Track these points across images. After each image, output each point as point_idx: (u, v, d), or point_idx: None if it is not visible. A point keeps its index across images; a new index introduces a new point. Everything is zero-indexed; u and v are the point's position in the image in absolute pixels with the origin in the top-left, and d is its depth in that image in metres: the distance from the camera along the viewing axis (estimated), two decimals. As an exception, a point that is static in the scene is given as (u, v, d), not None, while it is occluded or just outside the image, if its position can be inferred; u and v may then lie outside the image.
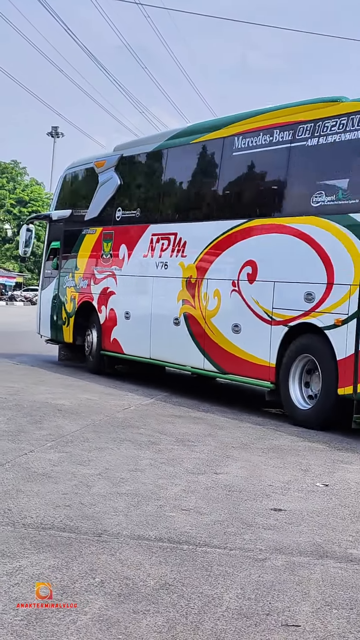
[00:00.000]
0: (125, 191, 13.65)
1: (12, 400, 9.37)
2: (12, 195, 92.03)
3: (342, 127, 9.14)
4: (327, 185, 9.32)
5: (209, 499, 5.53)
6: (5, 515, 4.68)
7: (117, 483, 5.75)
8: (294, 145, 9.81)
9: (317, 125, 9.46)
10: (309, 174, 9.79)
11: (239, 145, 10.76)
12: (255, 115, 10.75)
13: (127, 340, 12.88)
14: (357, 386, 8.44)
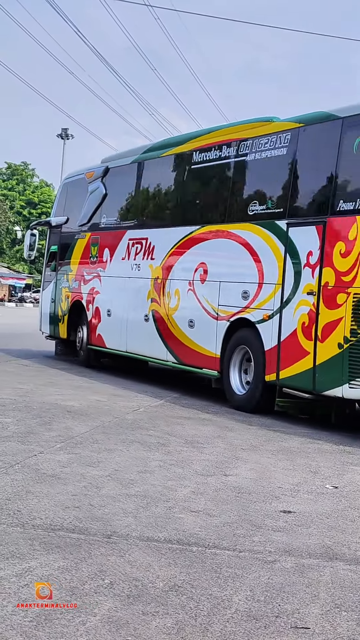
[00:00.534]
0: (109, 200, 15.04)
1: (22, 401, 9.39)
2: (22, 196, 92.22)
3: (272, 145, 10.46)
4: (260, 196, 10.71)
5: (218, 500, 5.53)
6: (14, 517, 4.68)
7: (127, 484, 5.75)
8: (237, 160, 11.27)
9: (254, 142, 10.83)
10: (247, 186, 11.21)
11: (196, 159, 12.19)
12: (209, 132, 12.31)
13: (109, 335, 14.27)
14: (279, 373, 9.65)
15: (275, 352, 9.75)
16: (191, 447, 7.46)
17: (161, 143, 14.03)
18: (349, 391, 8.67)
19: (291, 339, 9.52)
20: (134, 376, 13.53)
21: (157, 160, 13.50)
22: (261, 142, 10.68)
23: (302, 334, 9.35)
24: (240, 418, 9.72)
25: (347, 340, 8.64)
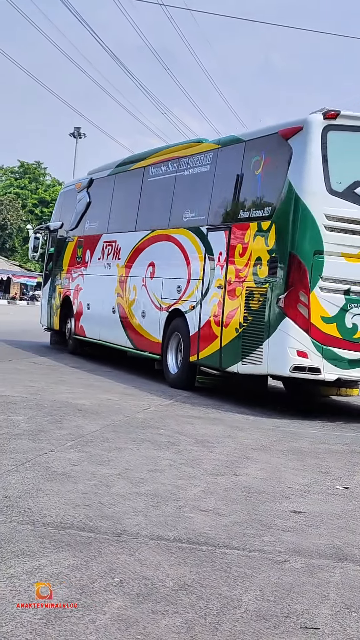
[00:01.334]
0: (91, 208, 17.44)
1: (33, 399, 9.41)
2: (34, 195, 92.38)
3: (200, 162, 12.67)
4: (191, 205, 12.82)
5: (228, 500, 5.53)
6: (25, 514, 4.69)
7: (137, 483, 5.76)
8: (177, 174, 13.43)
9: (188, 160, 13.04)
10: (183, 196, 13.25)
11: (151, 173, 14.52)
12: (161, 150, 14.66)
13: (88, 326, 16.58)
14: (199, 355, 11.64)
15: (196, 337, 11.80)
16: (201, 447, 7.47)
17: (129, 159, 16.43)
18: (242, 367, 10.58)
19: (207, 326, 11.56)
20: (145, 375, 13.57)
21: (124, 173, 15.98)
22: (193, 160, 12.93)
23: (213, 321, 11.37)
24: (251, 418, 9.72)
25: (241, 326, 10.60)
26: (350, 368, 10.17)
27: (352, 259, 10.07)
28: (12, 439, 6.90)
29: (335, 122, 10.12)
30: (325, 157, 9.99)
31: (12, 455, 6.28)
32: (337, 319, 10.06)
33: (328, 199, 10.02)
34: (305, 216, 9.95)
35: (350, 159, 10.41)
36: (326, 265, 9.95)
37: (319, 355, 9.94)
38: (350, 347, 10.12)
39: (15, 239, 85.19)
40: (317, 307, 9.93)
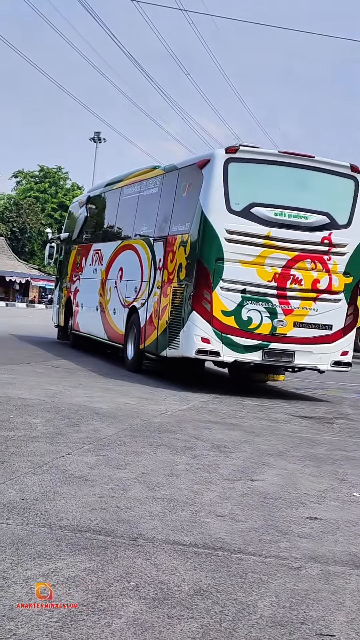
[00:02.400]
0: (87, 221, 20.62)
1: (51, 402, 9.44)
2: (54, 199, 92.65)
3: (152, 185, 15.44)
4: (146, 220, 15.55)
5: (244, 505, 5.53)
6: (42, 517, 4.71)
7: (153, 487, 5.76)
8: (139, 194, 16.21)
9: (146, 182, 15.79)
10: (142, 213, 15.97)
11: (124, 193, 17.45)
12: (134, 172, 17.14)
13: (81, 322, 19.62)
14: (145, 343, 14.26)
15: (144, 328, 14.35)
16: (218, 452, 7.47)
17: (112, 180, 19.11)
18: (168, 352, 13.14)
19: (150, 319, 14.12)
20: (163, 380, 13.58)
21: (108, 192, 19.07)
22: (149, 183, 15.69)
23: (154, 315, 13.94)
24: (267, 424, 9.71)
25: (169, 318, 13.15)
26: (245, 352, 12.53)
27: (247, 265, 12.38)
28: (29, 442, 6.92)
29: (235, 155, 12.40)
30: (226, 183, 12.29)
31: (29, 457, 6.31)
32: (234, 312, 12.39)
33: (228, 217, 12.31)
34: (209, 230, 12.29)
35: (247, 185, 12.60)
36: (226, 270, 12.28)
37: (219, 341, 12.34)
38: (245, 336, 12.45)
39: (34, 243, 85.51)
40: (218, 303, 12.29)
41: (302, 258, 12.61)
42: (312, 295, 12.73)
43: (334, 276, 12.83)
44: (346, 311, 13.00)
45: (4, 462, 6.08)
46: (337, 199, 13.14)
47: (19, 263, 79.36)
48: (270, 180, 12.89)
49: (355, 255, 12.97)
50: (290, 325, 12.61)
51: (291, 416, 10.69)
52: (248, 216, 12.37)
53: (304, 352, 12.77)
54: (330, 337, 12.92)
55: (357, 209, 12.97)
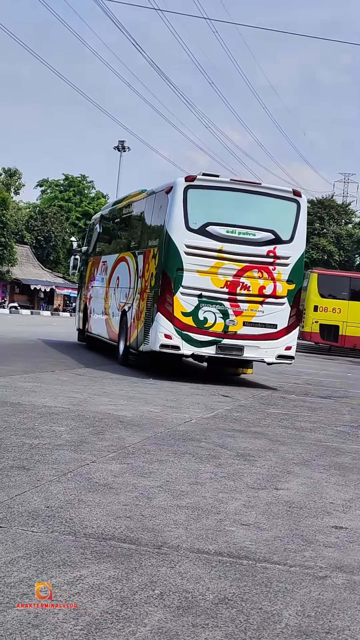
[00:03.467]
0: (99, 236, 23.50)
1: (75, 410, 9.47)
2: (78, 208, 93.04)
3: (139, 207, 18.09)
4: (134, 236, 18.33)
5: (269, 514, 5.51)
6: (67, 525, 4.72)
7: (178, 496, 5.76)
8: (132, 214, 19.22)
9: (135, 204, 18.68)
10: (132, 229, 19.06)
11: (122, 212, 20.45)
12: (130, 195, 19.94)
13: (93, 325, 22.11)
14: (129, 340, 16.78)
15: (129, 328, 16.90)
16: (242, 460, 7.45)
17: (117, 200, 22.92)
18: (144, 347, 15.67)
19: (133, 320, 16.61)
20: (187, 388, 13.59)
21: (112, 211, 22.14)
22: (135, 205, 18.64)
23: (135, 316, 16.46)
24: (292, 432, 9.68)
25: (145, 319, 15.56)
26: (201, 347, 15.11)
27: (203, 274, 14.92)
28: (54, 450, 6.95)
29: (193, 183, 14.93)
30: (185, 206, 14.78)
31: (54, 465, 6.33)
32: (192, 313, 14.89)
33: (187, 234, 14.82)
34: (171, 245, 14.84)
35: (203, 207, 15.03)
36: (185, 278, 14.82)
37: (179, 337, 14.87)
38: (201, 333, 14.97)
39: (59, 251, 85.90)
40: (179, 306, 14.83)
41: (250, 268, 15.14)
42: (259, 300, 15.22)
43: (278, 283, 15.32)
44: (289, 313, 15.48)
45: (29, 469, 6.10)
46: (281, 218, 15.59)
47: (43, 271, 79.84)
48: (223, 203, 15.36)
49: (297, 265, 15.60)
50: (240, 324, 15.15)
51: (316, 425, 10.64)
52: (204, 233, 14.95)
53: (252, 347, 15.30)
54: (275, 334, 15.38)
55: (299, 227, 15.52)
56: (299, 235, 15.60)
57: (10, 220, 68.81)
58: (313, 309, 37.80)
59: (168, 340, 14.84)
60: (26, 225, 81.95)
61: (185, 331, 14.84)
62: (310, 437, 9.45)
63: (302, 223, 15.67)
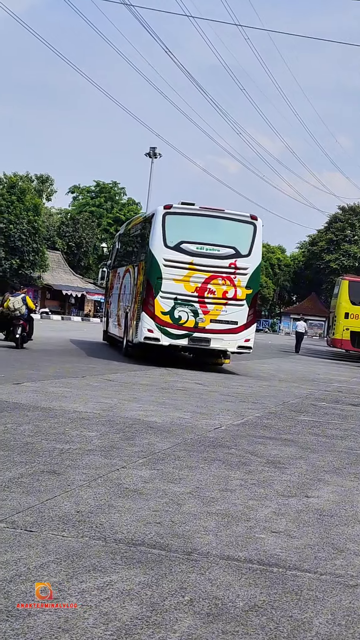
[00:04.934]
0: (117, 251, 27.84)
1: (106, 416, 9.49)
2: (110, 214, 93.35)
3: (137, 228, 22.59)
4: (135, 252, 22.49)
5: (299, 522, 5.48)
6: (97, 530, 4.73)
7: (208, 502, 5.75)
8: (133, 233, 23.48)
9: (136, 225, 22.99)
10: (133, 247, 23.30)
11: (130, 232, 24.70)
12: (135, 217, 25.00)
13: (110, 326, 26.70)
14: (129, 336, 20.74)
15: (128, 326, 21.13)
16: (273, 467, 7.42)
17: (130, 220, 27.35)
18: (135, 339, 19.79)
19: (131, 319, 20.66)
20: (216, 394, 13.56)
21: (126, 229, 26.52)
22: (136, 226, 23.21)
23: (132, 316, 20.51)
24: (323, 440, 9.63)
25: (137, 318, 19.64)
26: (176, 339, 19.22)
27: (178, 281, 19.00)
28: (84, 455, 6.97)
29: (170, 210, 19.06)
30: (164, 228, 18.95)
31: (84, 470, 6.35)
32: (169, 312, 19.02)
33: (165, 250, 18.95)
34: (153, 259, 19.08)
35: (178, 229, 19.08)
36: (163, 285, 18.98)
37: (159, 331, 19.06)
38: (176, 328, 19.09)
39: (90, 257, 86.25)
40: (159, 306, 18.96)
41: (215, 277, 19.20)
42: (223, 302, 19.27)
43: (238, 289, 19.36)
44: (248, 312, 19.51)
45: (59, 474, 6.13)
46: (241, 237, 19.49)
47: (74, 277, 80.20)
48: (193, 225, 19.38)
49: (254, 274, 19.67)
50: (208, 321, 19.23)
51: (347, 432, 10.58)
52: (178, 249, 19.05)
53: (217, 339, 19.38)
54: (236, 329, 19.44)
55: (255, 244, 19.53)
56: (255, 250, 19.58)
57: (42, 227, 69.22)
58: (344, 316, 37.60)
59: (150, 334, 19.10)
60: (58, 232, 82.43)
61: (164, 326, 19.07)
62: (341, 444, 9.39)
63: (258, 240, 19.66)
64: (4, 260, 64.85)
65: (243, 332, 19.48)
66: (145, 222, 20.65)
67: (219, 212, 19.54)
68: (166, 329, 18.99)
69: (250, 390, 15.36)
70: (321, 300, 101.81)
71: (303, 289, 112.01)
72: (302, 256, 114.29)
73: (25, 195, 67.90)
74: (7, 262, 64.90)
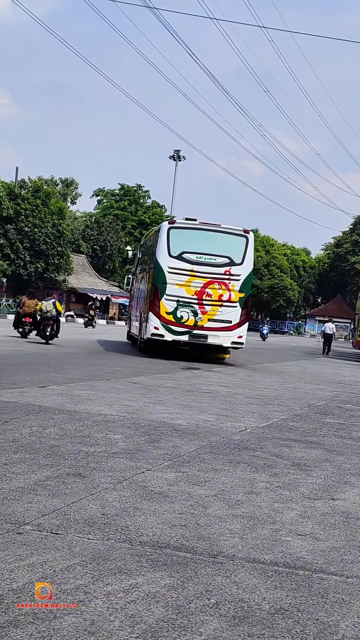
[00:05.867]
0: (139, 259, 30.06)
1: (131, 419, 9.51)
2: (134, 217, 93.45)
3: (151, 239, 24.88)
4: (148, 259, 24.52)
5: (325, 525, 5.46)
6: (122, 533, 4.74)
7: (233, 505, 5.74)
8: (148, 243, 26.01)
9: (150, 236, 25.66)
10: (148, 256, 25.24)
11: (146, 243, 27.04)
12: (152, 229, 26.66)
13: (131, 326, 29.20)
14: (143, 333, 23.28)
15: (142, 325, 23.95)
16: (298, 470, 7.40)
17: (148, 232, 29.63)
18: (145, 336, 22.80)
19: (143, 319, 23.38)
20: (241, 397, 13.54)
21: (144, 241, 28.94)
22: (150, 237, 25.78)
23: (144, 316, 23.13)
24: (349, 442, 9.58)
25: (146, 317, 22.60)
26: (179, 335, 22.13)
27: (180, 286, 21.89)
28: (110, 458, 6.98)
29: (173, 225, 22.45)
30: (168, 240, 21.97)
31: (109, 473, 6.36)
32: (172, 313, 21.95)
33: (169, 259, 21.94)
34: (158, 267, 22.05)
35: (180, 241, 22.03)
36: (168, 289, 21.92)
37: (164, 329, 22.01)
38: (179, 326, 21.99)
39: (115, 260, 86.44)
40: (164, 307, 21.93)
41: (212, 282, 22.12)
42: (219, 304, 22.16)
43: (232, 293, 22.23)
44: (240, 313, 22.37)
45: (85, 477, 6.15)
46: (235, 248, 22.36)
47: (99, 280, 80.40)
48: (194, 238, 22.29)
49: (246, 280, 22.54)
50: (206, 320, 22.11)
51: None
52: (180, 259, 22.04)
53: (214, 336, 22.26)
54: (230, 327, 22.28)
55: (248, 254, 22.38)
56: (248, 259, 22.41)
57: (66, 230, 69.49)
58: None
59: (156, 331, 22.18)
60: (82, 235, 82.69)
61: (168, 325, 22.08)
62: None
63: (250, 251, 22.44)
64: (29, 264, 65.16)
65: (236, 330, 22.35)
66: (155, 234, 23.59)
67: (216, 227, 22.54)
68: (170, 326, 22.02)
69: (275, 393, 15.32)
70: (346, 302, 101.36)
71: (328, 291, 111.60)
72: (327, 258, 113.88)
73: (50, 199, 68.21)
74: (32, 266, 65.20)
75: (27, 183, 70.88)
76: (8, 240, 64.02)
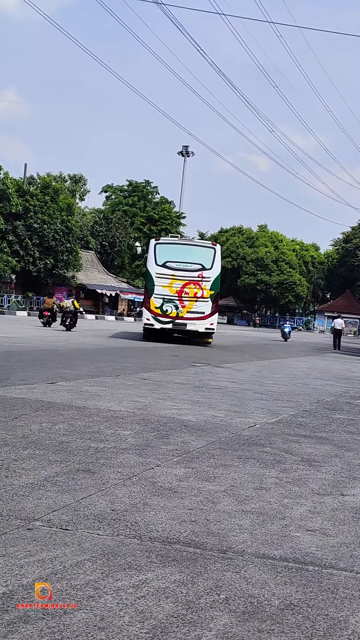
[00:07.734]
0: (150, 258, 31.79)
1: (140, 414, 9.52)
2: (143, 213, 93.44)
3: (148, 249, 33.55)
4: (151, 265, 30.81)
5: (335, 520, 5.46)
6: (132, 528, 4.75)
7: (242, 501, 5.74)
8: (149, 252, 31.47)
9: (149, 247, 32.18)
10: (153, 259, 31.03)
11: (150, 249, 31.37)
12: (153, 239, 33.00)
13: (145, 318, 31.13)
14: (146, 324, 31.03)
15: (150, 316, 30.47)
16: (308, 466, 7.39)
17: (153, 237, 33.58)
18: (144, 327, 31.29)
19: (146, 311, 30.67)
20: (250, 393, 13.53)
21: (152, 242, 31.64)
22: (150, 247, 31.23)
23: (145, 311, 31.11)
24: (358, 438, 9.57)
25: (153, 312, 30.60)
26: (164, 324, 29.90)
27: (164, 287, 29.67)
28: (119, 453, 7.00)
29: (159, 241, 30.87)
30: (155, 253, 30.03)
31: (119, 469, 6.37)
32: (160, 307, 29.70)
33: (156, 267, 29.87)
34: (148, 273, 30.40)
35: (164, 253, 29.96)
36: (155, 289, 29.73)
37: (153, 320, 29.88)
38: (164, 317, 29.83)
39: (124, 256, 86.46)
40: (153, 303, 29.85)
41: (189, 283, 29.77)
42: (194, 299, 29.73)
43: (205, 291, 29.87)
44: (211, 306, 29.99)
45: (94, 473, 6.16)
46: (206, 257, 30.13)
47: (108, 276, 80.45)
48: (174, 250, 30.27)
49: (215, 281, 30.02)
50: (185, 312, 29.76)
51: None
52: (164, 266, 29.78)
53: (191, 323, 29.86)
54: (204, 317, 29.99)
55: (216, 261, 30.16)
56: (216, 265, 30.12)
57: (75, 226, 69.55)
58: None
59: (148, 321, 30.28)
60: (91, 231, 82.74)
61: (156, 316, 29.87)
62: None
63: (218, 258, 30.34)
64: (38, 260, 65.26)
65: (208, 319, 30.24)
66: (150, 245, 30.88)
67: (191, 242, 35.19)
68: (158, 318, 29.95)
69: (285, 389, 15.31)
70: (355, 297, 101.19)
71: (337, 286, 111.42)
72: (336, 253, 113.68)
73: (58, 195, 68.30)
74: (41, 262, 65.30)
75: (35, 179, 70.99)
76: (17, 237, 64.13)
